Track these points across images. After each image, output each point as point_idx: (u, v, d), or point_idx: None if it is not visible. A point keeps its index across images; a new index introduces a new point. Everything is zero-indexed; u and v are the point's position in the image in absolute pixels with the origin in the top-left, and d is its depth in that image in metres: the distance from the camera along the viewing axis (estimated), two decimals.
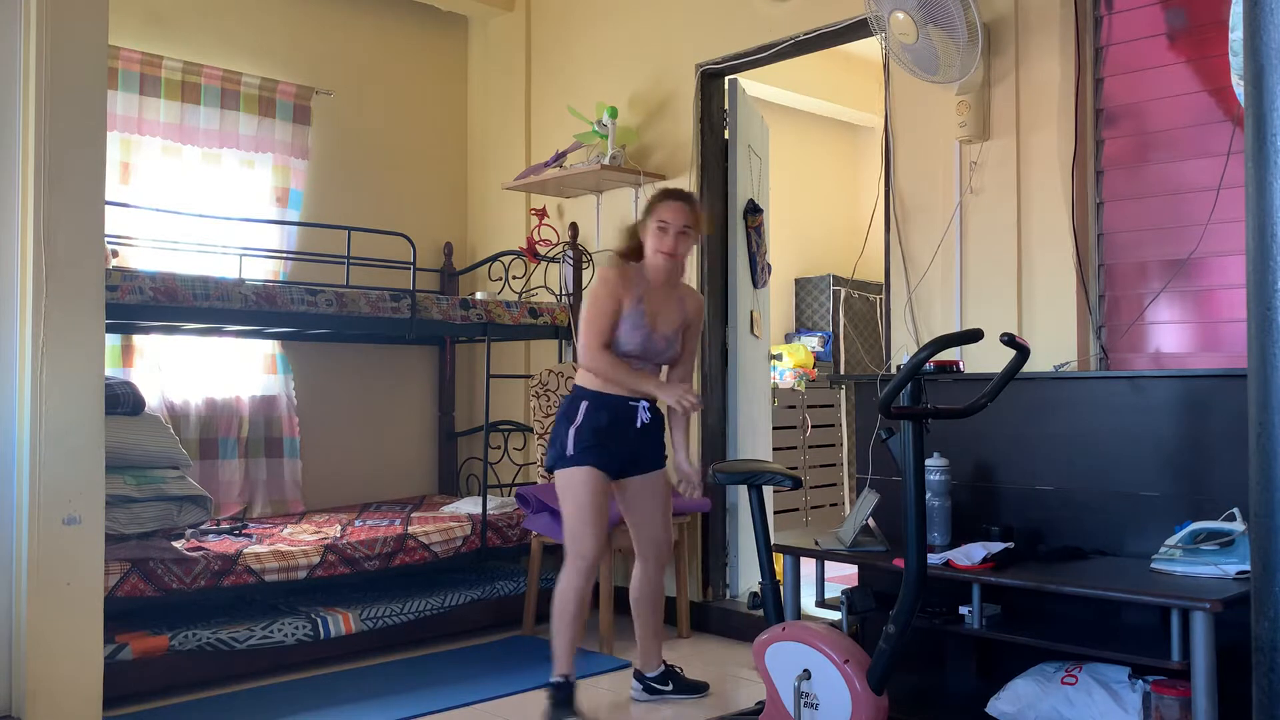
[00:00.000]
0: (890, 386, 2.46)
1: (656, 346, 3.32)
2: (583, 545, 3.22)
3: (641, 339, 3.28)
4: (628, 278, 3.33)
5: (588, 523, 3.22)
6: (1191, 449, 2.86)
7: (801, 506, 6.19)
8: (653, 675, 3.45)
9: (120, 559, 3.34)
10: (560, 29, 5.08)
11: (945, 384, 3.28)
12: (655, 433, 3.37)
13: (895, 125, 3.83)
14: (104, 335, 3.07)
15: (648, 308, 3.31)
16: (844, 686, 2.54)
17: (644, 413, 3.31)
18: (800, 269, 7.02)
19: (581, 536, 3.23)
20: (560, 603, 3.24)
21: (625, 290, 3.29)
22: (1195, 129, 3.20)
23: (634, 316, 3.28)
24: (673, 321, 3.37)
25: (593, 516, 3.22)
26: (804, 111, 6.91)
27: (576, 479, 3.22)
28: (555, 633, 3.26)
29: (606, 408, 3.26)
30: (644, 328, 3.28)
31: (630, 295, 3.29)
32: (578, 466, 3.22)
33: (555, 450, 3.27)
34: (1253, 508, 1.41)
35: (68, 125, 2.97)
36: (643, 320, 3.29)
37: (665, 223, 3.32)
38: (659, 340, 3.32)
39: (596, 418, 3.23)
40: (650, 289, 3.34)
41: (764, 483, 2.91)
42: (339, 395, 5.03)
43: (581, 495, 3.21)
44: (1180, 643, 2.44)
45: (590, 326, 3.27)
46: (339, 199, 5.04)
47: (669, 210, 3.33)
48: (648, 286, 3.34)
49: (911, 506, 2.49)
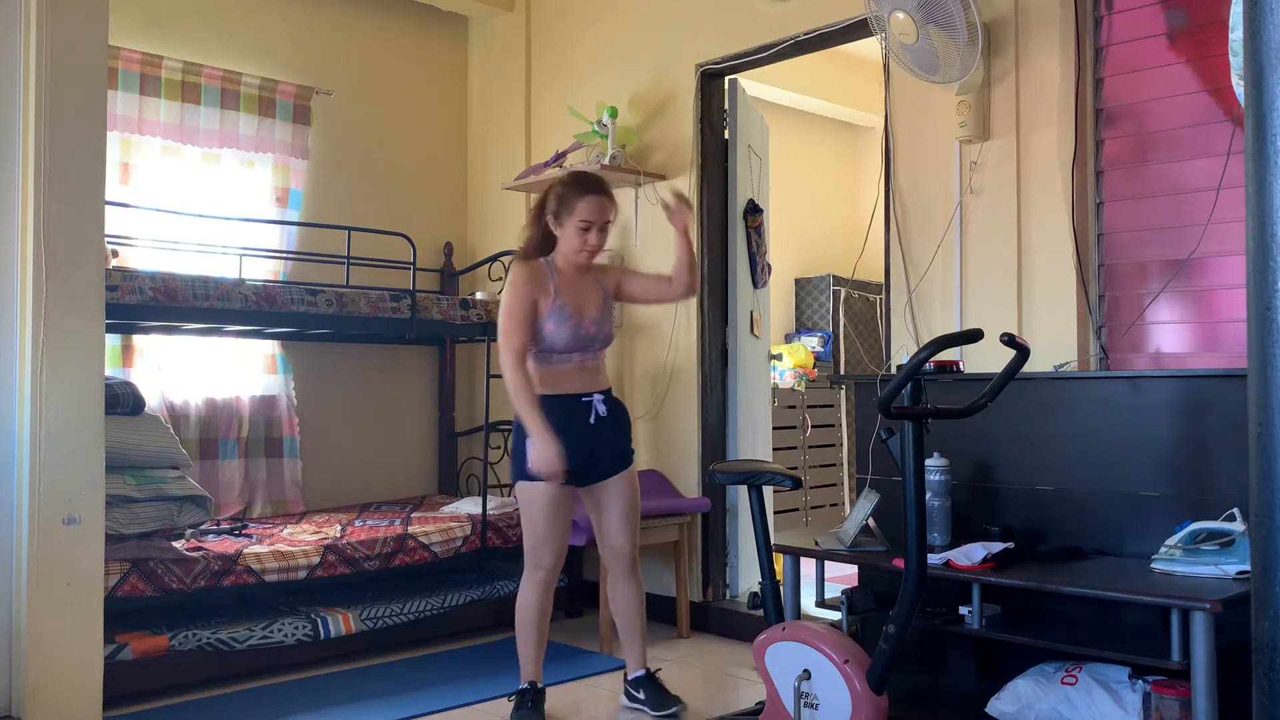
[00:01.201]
0: (890, 387, 2.45)
1: (588, 333, 3.19)
2: (541, 558, 3.21)
3: (571, 331, 3.15)
4: (539, 276, 3.18)
5: (545, 536, 3.18)
6: (1191, 449, 2.86)
7: (801, 506, 6.19)
8: (630, 679, 3.38)
9: (120, 559, 3.34)
10: (560, 29, 5.09)
11: (945, 384, 3.28)
12: (613, 429, 3.24)
13: (895, 125, 3.83)
14: (104, 335, 3.07)
15: (568, 300, 3.18)
16: (844, 686, 2.54)
17: (599, 405, 3.20)
18: (800, 269, 7.03)
19: (539, 549, 3.20)
20: (521, 614, 3.25)
21: (539, 289, 3.16)
22: (1195, 129, 3.20)
23: (556, 312, 3.15)
24: (596, 303, 3.23)
25: (550, 529, 3.18)
26: (804, 111, 6.92)
27: (534, 491, 3.16)
28: (520, 644, 3.27)
29: (559, 407, 3.14)
30: (570, 319, 3.16)
31: (545, 292, 3.16)
32: (535, 480, 3.14)
33: (516, 463, 3.20)
34: (1253, 508, 1.41)
35: (68, 125, 2.97)
36: (567, 312, 3.16)
37: (589, 222, 3.15)
38: (589, 326, 3.19)
39: (552, 422, 3.10)
40: (564, 279, 3.21)
41: (764, 483, 2.90)
42: (339, 395, 5.03)
43: (539, 507, 3.16)
44: (1180, 643, 2.44)
45: (507, 337, 3.12)
46: (339, 199, 5.04)
47: (592, 208, 3.14)
48: (562, 277, 3.21)
49: (912, 507, 2.48)
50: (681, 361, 4.50)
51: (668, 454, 4.54)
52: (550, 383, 3.18)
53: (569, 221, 3.16)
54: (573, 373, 3.21)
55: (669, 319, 4.55)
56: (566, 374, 3.20)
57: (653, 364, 4.63)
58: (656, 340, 4.61)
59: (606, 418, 3.22)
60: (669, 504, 4.24)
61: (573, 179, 3.25)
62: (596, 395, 3.22)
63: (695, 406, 4.45)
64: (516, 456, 3.21)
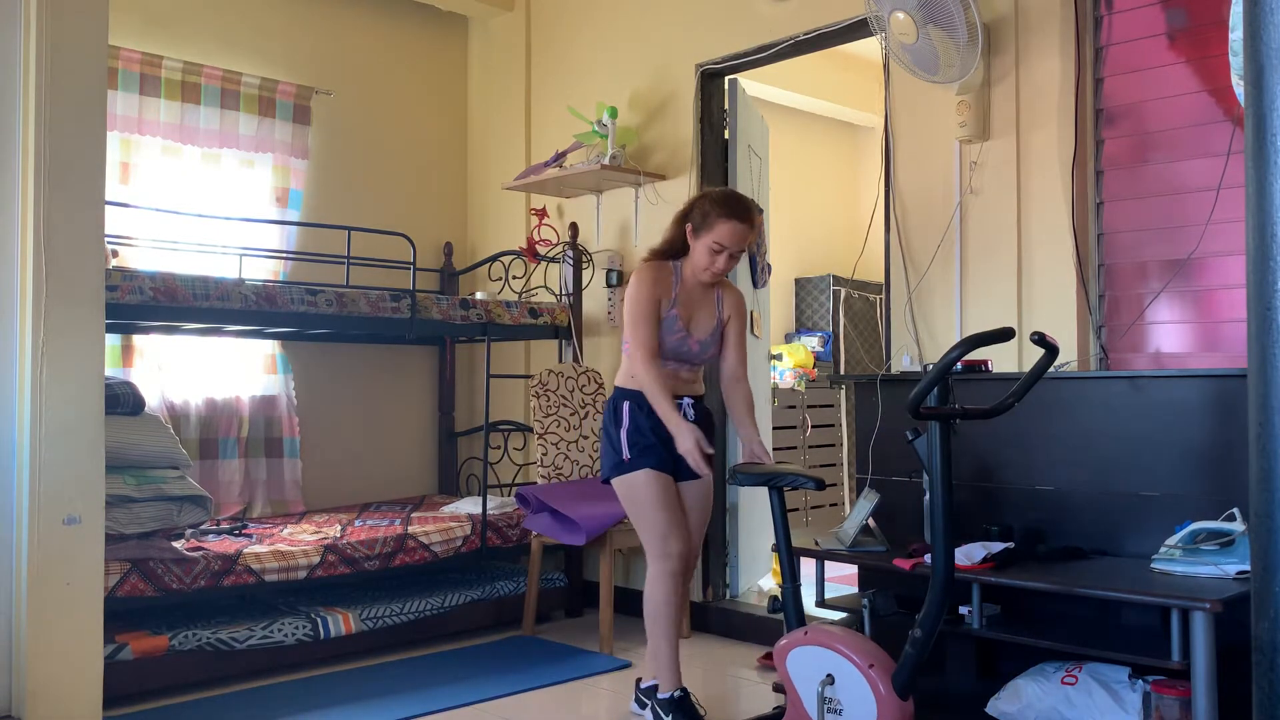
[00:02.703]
0: (920, 387, 2.39)
1: (690, 350, 3.17)
2: (666, 546, 3.05)
3: (675, 343, 3.14)
4: (666, 278, 3.16)
5: (665, 523, 3.05)
6: (1191, 449, 2.86)
7: (802, 506, 6.19)
8: (644, 686, 3.25)
9: (120, 559, 3.34)
10: (560, 29, 5.09)
11: (956, 382, 3.27)
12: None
13: (895, 125, 3.83)
14: (104, 335, 3.07)
15: (682, 311, 3.16)
16: (869, 691, 2.48)
17: (688, 409, 3.15)
18: (800, 269, 7.03)
19: (662, 538, 3.05)
20: (654, 611, 3.07)
21: (663, 291, 3.14)
22: (1195, 129, 3.20)
23: (668, 321, 3.13)
24: (709, 324, 3.21)
25: (668, 516, 3.06)
26: (804, 111, 6.92)
27: (639, 482, 3.08)
28: (657, 646, 3.09)
29: (649, 406, 3.10)
30: (679, 332, 3.14)
31: (667, 296, 3.14)
32: (637, 470, 3.08)
33: (611, 458, 3.14)
34: (1253, 508, 1.41)
35: (68, 125, 2.97)
36: (677, 324, 3.14)
37: (722, 245, 3.08)
38: (693, 344, 3.17)
39: (644, 416, 3.10)
40: (685, 289, 3.19)
41: (785, 484, 2.84)
42: (339, 395, 5.03)
43: (649, 497, 3.06)
44: (1180, 643, 2.44)
45: (636, 332, 3.10)
46: (339, 199, 5.04)
47: (730, 233, 3.07)
48: (683, 287, 3.19)
49: (940, 509, 2.43)
50: None
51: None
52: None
53: (705, 238, 3.10)
54: (667, 376, 3.14)
55: None
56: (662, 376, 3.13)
57: None
58: None
59: (695, 421, 3.11)
60: None
61: (723, 198, 3.16)
62: (687, 399, 3.18)
63: None
64: (608, 450, 3.15)
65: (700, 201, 3.18)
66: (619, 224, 4.79)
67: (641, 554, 4.56)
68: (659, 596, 3.08)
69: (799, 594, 2.86)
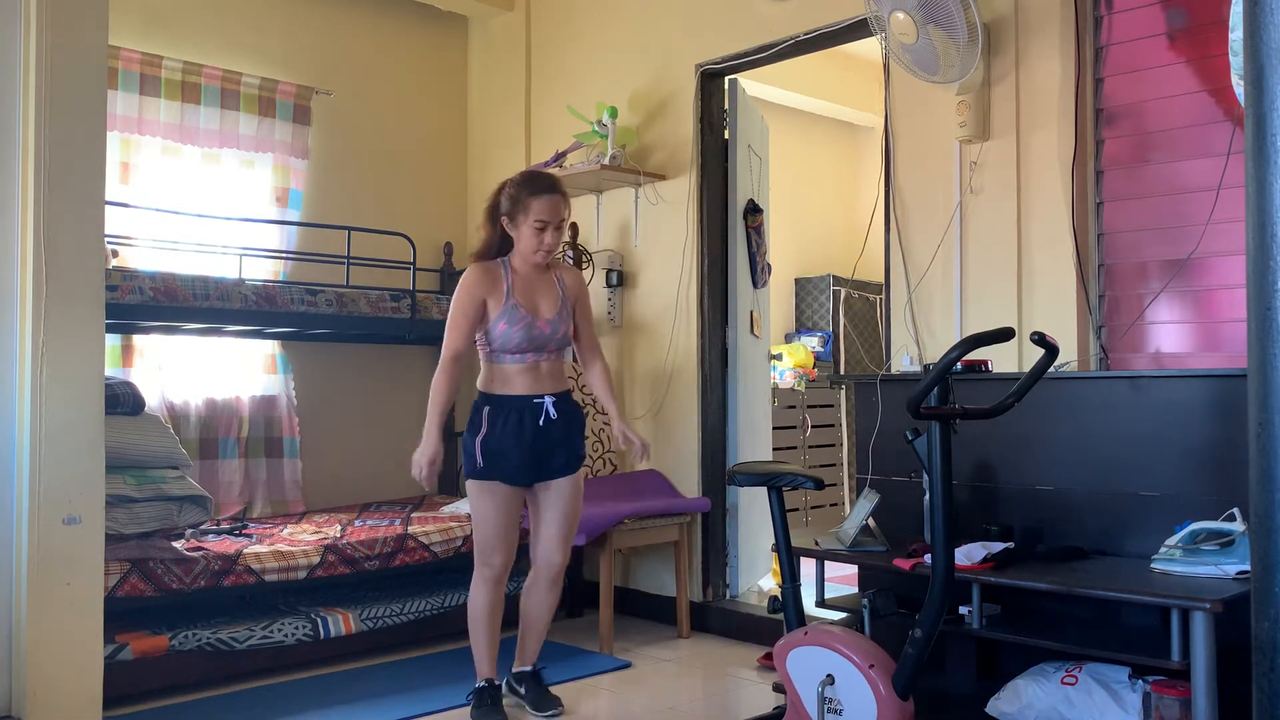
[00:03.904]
0: (921, 387, 2.40)
1: (543, 333, 3.18)
2: (489, 556, 3.22)
3: (524, 332, 3.15)
4: (493, 276, 3.19)
5: (493, 535, 3.20)
6: (1191, 449, 2.86)
7: (801, 506, 6.19)
8: (515, 672, 3.39)
9: (120, 559, 3.33)
10: (560, 29, 5.09)
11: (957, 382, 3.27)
12: (562, 433, 3.22)
13: (895, 125, 3.83)
14: (104, 335, 3.07)
15: (522, 298, 3.18)
16: (869, 691, 2.48)
17: (550, 407, 3.19)
18: (800, 269, 7.03)
19: (487, 549, 3.21)
20: (471, 613, 3.27)
21: (490, 290, 3.16)
22: (1195, 129, 3.20)
23: (509, 312, 3.14)
24: (553, 305, 3.23)
25: (498, 530, 3.19)
26: (804, 111, 6.92)
27: (483, 491, 3.18)
28: (473, 642, 3.29)
29: (510, 408, 3.17)
30: (524, 318, 3.15)
31: (497, 293, 3.16)
32: (484, 480, 3.17)
33: (467, 462, 3.22)
34: (1253, 508, 1.41)
35: (68, 125, 2.97)
36: (520, 312, 3.15)
37: (544, 221, 3.14)
38: (543, 325, 3.18)
39: (501, 422, 3.15)
40: (520, 279, 3.21)
41: (784, 484, 2.84)
42: (339, 395, 5.03)
43: (487, 508, 3.18)
44: (1180, 643, 2.44)
45: (447, 334, 3.19)
46: (339, 199, 5.04)
47: (546, 207, 3.13)
48: (517, 277, 3.21)
49: (940, 509, 2.44)
50: (681, 361, 4.51)
51: (668, 454, 4.54)
52: (502, 383, 3.20)
53: (524, 221, 3.15)
54: (525, 373, 3.20)
55: (669, 319, 4.55)
56: (519, 375, 3.19)
57: (653, 364, 4.63)
58: (656, 340, 4.61)
59: (558, 420, 3.20)
60: (669, 504, 4.25)
61: (524, 178, 3.22)
62: (549, 397, 3.21)
63: (695, 406, 4.45)
64: (466, 454, 3.22)
65: (504, 191, 3.23)
66: (619, 224, 4.79)
67: (643, 554, 4.58)
68: (477, 600, 3.27)
69: (799, 594, 2.86)
